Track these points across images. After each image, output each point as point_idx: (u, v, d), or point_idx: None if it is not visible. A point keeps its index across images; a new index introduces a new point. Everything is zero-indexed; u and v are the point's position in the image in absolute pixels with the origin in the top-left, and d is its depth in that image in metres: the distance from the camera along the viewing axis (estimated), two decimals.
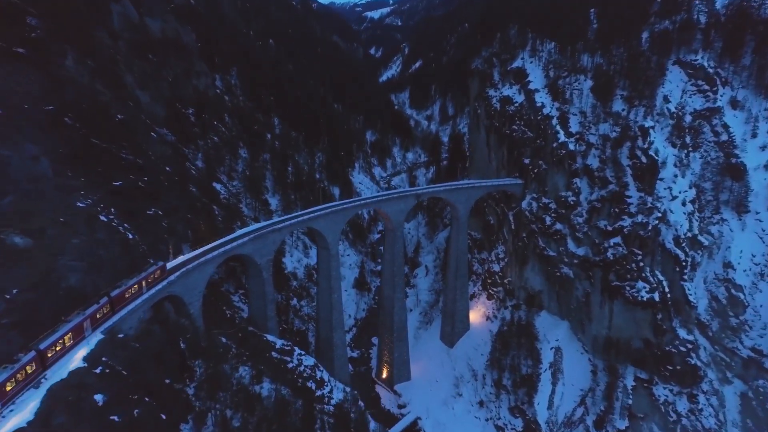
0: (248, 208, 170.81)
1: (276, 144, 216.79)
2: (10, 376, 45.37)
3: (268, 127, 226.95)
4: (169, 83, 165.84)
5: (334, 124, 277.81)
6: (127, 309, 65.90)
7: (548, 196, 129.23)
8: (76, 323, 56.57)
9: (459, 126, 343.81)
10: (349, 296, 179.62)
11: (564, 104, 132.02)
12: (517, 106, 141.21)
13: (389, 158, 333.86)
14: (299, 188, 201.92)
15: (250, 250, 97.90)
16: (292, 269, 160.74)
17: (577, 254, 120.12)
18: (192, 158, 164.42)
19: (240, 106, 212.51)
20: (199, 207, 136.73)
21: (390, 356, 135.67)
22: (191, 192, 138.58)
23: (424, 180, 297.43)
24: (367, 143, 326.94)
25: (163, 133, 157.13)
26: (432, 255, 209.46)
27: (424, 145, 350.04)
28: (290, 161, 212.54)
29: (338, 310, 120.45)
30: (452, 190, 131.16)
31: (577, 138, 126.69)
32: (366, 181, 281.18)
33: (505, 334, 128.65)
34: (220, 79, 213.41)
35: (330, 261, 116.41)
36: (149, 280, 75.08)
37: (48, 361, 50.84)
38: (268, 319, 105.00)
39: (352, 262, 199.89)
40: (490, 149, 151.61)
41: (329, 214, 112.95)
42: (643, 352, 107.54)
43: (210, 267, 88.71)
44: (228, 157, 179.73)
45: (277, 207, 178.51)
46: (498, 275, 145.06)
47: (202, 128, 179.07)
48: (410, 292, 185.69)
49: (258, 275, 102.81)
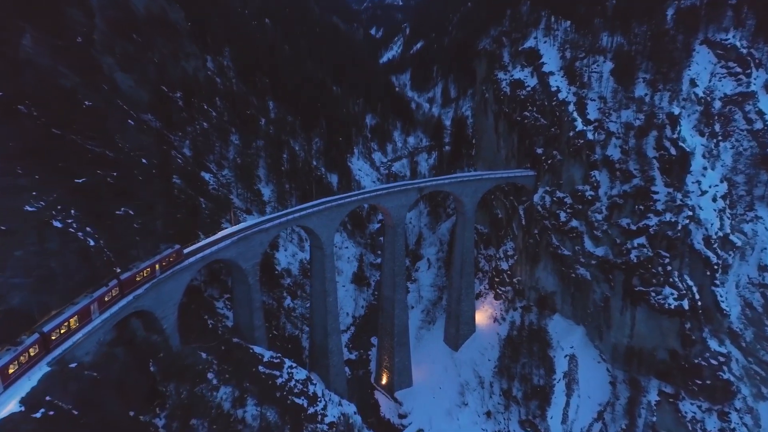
0: (240, 199, 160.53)
1: (270, 129, 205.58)
2: (12, 358, 45.29)
3: (262, 112, 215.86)
4: (156, 65, 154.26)
5: (332, 107, 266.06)
6: (84, 330, 57.32)
7: (563, 189, 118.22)
8: (83, 306, 55.89)
9: (462, 109, 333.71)
10: (347, 292, 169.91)
11: (581, 88, 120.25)
12: (529, 90, 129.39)
13: (390, 143, 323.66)
14: (294, 177, 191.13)
15: (233, 254, 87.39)
16: (286, 265, 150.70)
17: (596, 254, 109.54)
18: (179, 146, 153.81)
19: (233, 90, 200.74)
20: (184, 200, 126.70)
21: (390, 361, 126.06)
22: (175, 184, 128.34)
23: (426, 166, 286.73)
24: (367, 127, 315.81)
25: (148, 120, 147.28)
26: (434, 247, 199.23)
27: (425, 128, 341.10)
28: (285, 148, 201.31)
29: (334, 315, 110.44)
30: (458, 183, 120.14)
31: (596, 126, 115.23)
32: (366, 168, 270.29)
33: (515, 341, 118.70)
34: (212, 61, 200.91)
35: (324, 261, 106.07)
36: (163, 264, 72.40)
37: (52, 344, 50.91)
38: (255, 328, 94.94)
39: (350, 255, 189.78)
40: (499, 137, 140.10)
41: (323, 210, 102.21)
42: (669, 364, 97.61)
43: (187, 275, 78.29)
44: (218, 144, 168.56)
45: (270, 197, 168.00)
46: (506, 274, 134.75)
47: (190, 113, 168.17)
48: (411, 287, 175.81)
49: (243, 281, 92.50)
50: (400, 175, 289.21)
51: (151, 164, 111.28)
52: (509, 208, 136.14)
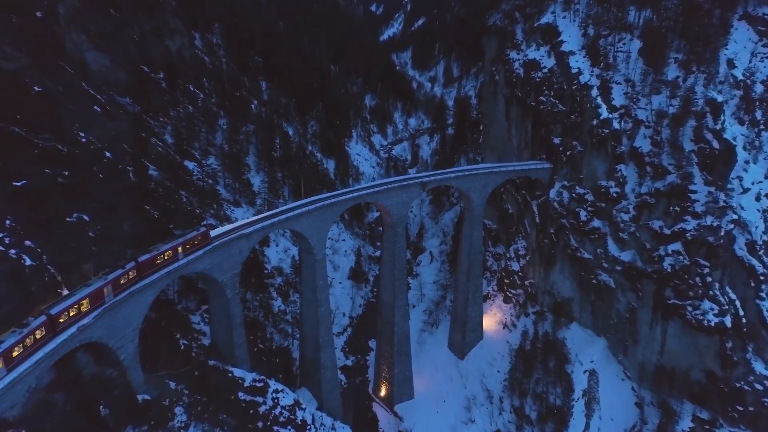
0: (227, 190, 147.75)
1: (263, 111, 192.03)
2: (17, 341, 44.09)
3: (254, 93, 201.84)
4: (136, 43, 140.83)
5: (330, 88, 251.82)
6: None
7: (584, 185, 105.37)
8: (96, 288, 54.04)
9: (465, 88, 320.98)
10: (343, 290, 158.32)
11: (606, 70, 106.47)
12: (545, 71, 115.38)
13: (390, 125, 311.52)
14: (287, 164, 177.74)
15: (206, 266, 75.10)
16: (276, 263, 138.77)
17: (621, 259, 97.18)
18: (160, 132, 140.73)
19: (222, 70, 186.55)
20: (161, 194, 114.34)
21: (390, 372, 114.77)
22: (151, 177, 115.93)
23: (428, 150, 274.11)
24: (366, 108, 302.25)
25: (125, 104, 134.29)
26: (437, 238, 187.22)
27: (427, 109, 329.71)
28: (278, 132, 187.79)
29: (326, 326, 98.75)
30: (465, 177, 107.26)
31: (622, 113, 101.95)
32: (365, 152, 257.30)
33: (528, 353, 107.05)
34: (200, 39, 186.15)
35: (315, 268, 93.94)
36: (187, 247, 68.38)
37: (59, 327, 49.38)
38: (236, 346, 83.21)
39: (347, 247, 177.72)
40: (511, 124, 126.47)
41: (313, 211, 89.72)
42: (706, 387, 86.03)
43: (149, 295, 66.15)
44: (204, 129, 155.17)
45: (260, 188, 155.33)
46: (518, 275, 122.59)
47: (174, 95, 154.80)
48: (412, 283, 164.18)
49: (220, 294, 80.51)
50: (401, 159, 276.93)
51: (119, 157, 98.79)
52: (521, 203, 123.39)
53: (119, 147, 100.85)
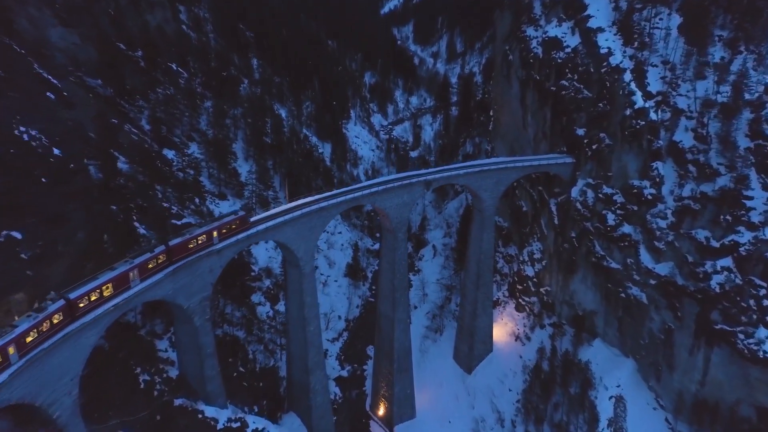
0: (211, 181, 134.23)
1: (255, 91, 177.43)
2: (31, 326, 42.99)
3: (245, 71, 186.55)
4: (111, 18, 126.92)
5: (327, 65, 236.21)
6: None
7: (612, 183, 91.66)
8: (121, 273, 52.38)
9: (469, 65, 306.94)
10: (339, 289, 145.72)
11: (641, 50, 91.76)
12: (568, 51, 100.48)
13: (391, 103, 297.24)
14: (280, 150, 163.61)
15: (167, 291, 62.14)
16: (265, 263, 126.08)
17: (656, 272, 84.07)
18: (136, 118, 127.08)
19: (210, 46, 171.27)
20: (133, 191, 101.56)
21: (389, 390, 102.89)
22: (121, 171, 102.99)
23: (430, 132, 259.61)
24: (366, 86, 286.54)
25: (95, 86, 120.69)
26: (441, 230, 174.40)
27: (429, 87, 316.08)
28: (269, 115, 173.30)
29: (316, 347, 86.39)
30: (476, 174, 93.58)
31: (659, 101, 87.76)
32: (364, 134, 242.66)
33: (545, 374, 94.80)
34: (186, 12, 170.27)
35: (302, 282, 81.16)
36: (223, 231, 64.89)
37: (78, 312, 47.91)
38: (208, 380, 70.74)
39: (344, 241, 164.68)
40: (526, 110, 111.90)
41: (300, 218, 76.44)
42: (757, 426, 73.73)
43: (90, 336, 53.21)
44: (187, 114, 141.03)
45: (248, 178, 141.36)
46: (532, 281, 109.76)
47: (154, 75, 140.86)
48: (414, 279, 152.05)
49: (187, 321, 67.65)
50: (402, 140, 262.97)
51: (73, 153, 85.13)
52: (537, 200, 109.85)
53: (74, 141, 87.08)
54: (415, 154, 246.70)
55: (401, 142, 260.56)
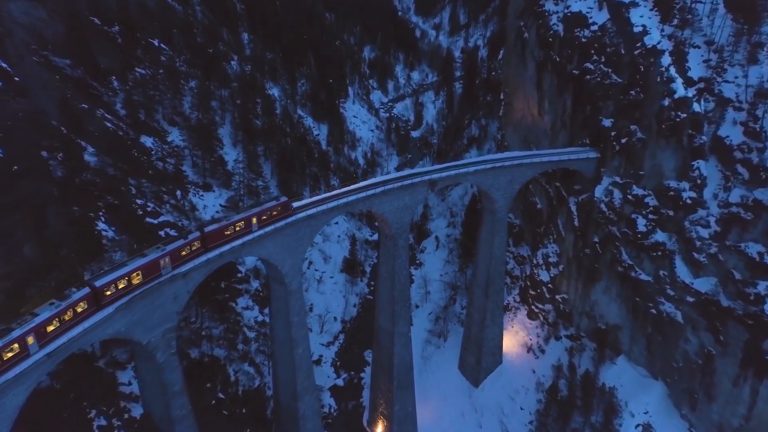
0: (195, 171, 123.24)
1: (246, 68, 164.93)
2: (53, 315, 41.49)
3: (234, 47, 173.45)
4: None
5: (323, 39, 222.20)
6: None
7: (644, 183, 79.99)
8: (151, 260, 50.26)
9: (473, 37, 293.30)
10: (335, 286, 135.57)
11: (682, 28, 79.00)
12: (595, 30, 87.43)
13: (391, 79, 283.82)
14: (271, 134, 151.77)
15: (120, 328, 51.28)
16: (253, 263, 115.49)
17: (694, 288, 73.15)
18: (110, 102, 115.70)
19: (197, 19, 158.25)
20: (100, 187, 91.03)
21: (388, 407, 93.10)
22: (88, 164, 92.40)
23: (433, 110, 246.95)
24: (365, 62, 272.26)
25: (62, 66, 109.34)
26: (444, 218, 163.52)
27: (432, 61, 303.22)
28: (260, 95, 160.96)
29: (305, 371, 76.11)
30: (487, 171, 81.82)
31: (702, 88, 75.58)
32: (362, 113, 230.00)
33: (564, 400, 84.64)
34: None
35: (289, 300, 70.43)
36: (263, 218, 61.60)
37: (104, 300, 46.37)
38: (176, 421, 60.43)
39: (341, 232, 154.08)
40: (543, 96, 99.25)
41: (283, 229, 65.03)
42: None
43: (17, 394, 42.54)
44: (168, 95, 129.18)
45: (235, 167, 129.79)
46: (547, 287, 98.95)
47: (131, 54, 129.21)
48: (416, 274, 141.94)
49: (147, 358, 57.08)
50: (402, 119, 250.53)
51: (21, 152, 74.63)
52: (554, 197, 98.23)
53: (26, 135, 76.16)
54: (416, 134, 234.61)
55: (402, 121, 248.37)
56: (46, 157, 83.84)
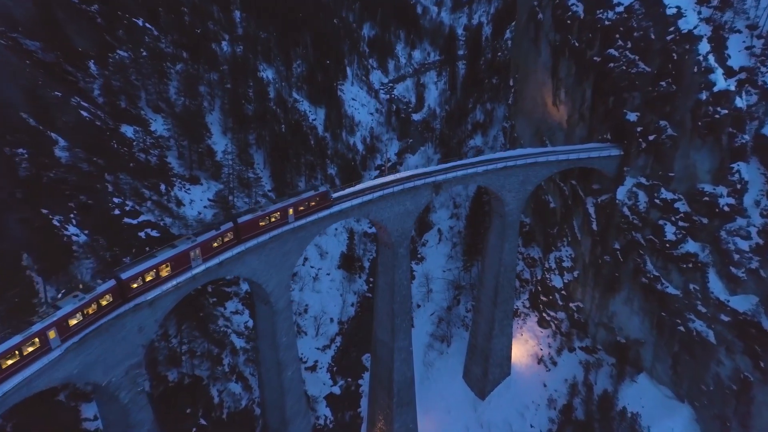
0: (180, 162, 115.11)
1: (238, 48, 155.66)
2: (76, 309, 39.30)
3: (225, 26, 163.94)
4: None
5: (321, 17, 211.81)
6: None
7: (674, 186, 71.52)
8: (180, 252, 47.43)
9: (477, 13, 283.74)
10: (332, 284, 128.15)
11: (722, 10, 69.65)
12: (620, 11, 77.75)
13: (392, 58, 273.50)
14: (263, 121, 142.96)
15: (71, 372, 43.49)
16: None
17: (730, 306, 65.32)
18: (87, 88, 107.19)
19: None
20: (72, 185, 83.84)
21: (387, 425, 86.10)
22: (58, 160, 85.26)
23: (435, 92, 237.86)
24: (364, 40, 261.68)
25: (33, 49, 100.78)
26: (446, 209, 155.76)
27: (433, 39, 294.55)
28: (252, 79, 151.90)
29: (295, 394, 68.88)
30: (498, 172, 73.37)
31: (743, 79, 66.67)
32: (362, 96, 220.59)
33: (581, 424, 77.38)
34: None
35: (275, 321, 62.65)
36: (300, 209, 57.80)
37: (131, 293, 44.06)
38: None
39: (338, 224, 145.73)
40: (559, 85, 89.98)
41: (268, 243, 56.82)
42: None
43: None
44: (152, 80, 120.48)
45: (223, 157, 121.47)
46: (560, 293, 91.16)
47: (112, 35, 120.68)
48: (417, 269, 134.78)
49: (110, 399, 49.48)
50: (403, 101, 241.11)
51: None
52: (570, 196, 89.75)
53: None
54: (418, 117, 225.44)
55: (403, 103, 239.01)
56: (9, 154, 76.17)
